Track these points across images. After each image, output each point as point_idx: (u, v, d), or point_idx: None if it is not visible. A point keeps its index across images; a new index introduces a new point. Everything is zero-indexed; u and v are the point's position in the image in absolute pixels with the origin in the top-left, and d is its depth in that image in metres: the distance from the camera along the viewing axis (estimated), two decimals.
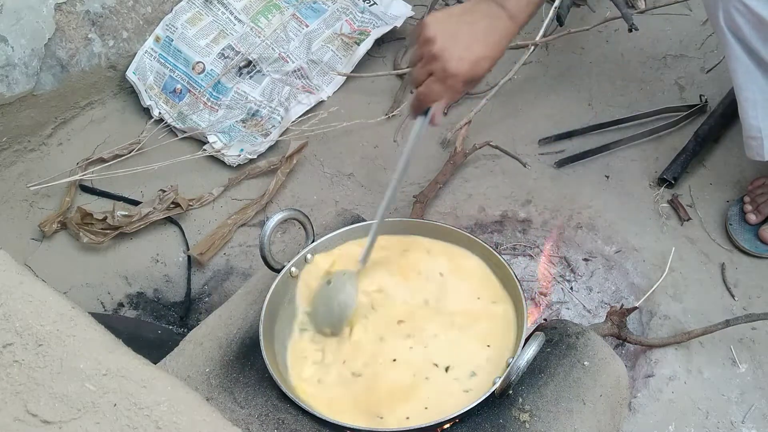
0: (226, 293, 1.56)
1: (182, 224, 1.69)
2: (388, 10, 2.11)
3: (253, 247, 1.64)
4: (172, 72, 1.93)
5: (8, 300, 0.79)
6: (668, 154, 1.69)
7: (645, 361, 1.37)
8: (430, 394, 0.96)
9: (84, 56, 1.86)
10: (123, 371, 0.74)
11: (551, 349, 1.02)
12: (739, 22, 1.22)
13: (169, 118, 1.89)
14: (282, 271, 1.08)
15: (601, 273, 1.52)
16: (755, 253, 1.50)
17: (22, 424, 0.68)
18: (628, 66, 1.93)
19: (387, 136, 1.85)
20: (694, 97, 1.80)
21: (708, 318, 1.41)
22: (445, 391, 0.96)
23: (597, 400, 0.98)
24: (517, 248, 1.58)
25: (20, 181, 1.80)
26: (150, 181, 1.76)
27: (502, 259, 1.08)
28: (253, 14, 1.98)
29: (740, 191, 1.60)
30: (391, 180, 1.06)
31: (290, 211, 1.09)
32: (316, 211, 1.67)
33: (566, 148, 1.76)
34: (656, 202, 1.63)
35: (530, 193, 1.66)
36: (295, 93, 1.92)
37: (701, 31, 1.97)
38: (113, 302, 1.58)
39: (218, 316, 1.11)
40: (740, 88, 1.32)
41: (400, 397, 0.96)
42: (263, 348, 0.98)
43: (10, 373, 0.73)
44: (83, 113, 1.93)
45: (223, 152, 1.78)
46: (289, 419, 0.95)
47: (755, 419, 1.29)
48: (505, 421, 0.94)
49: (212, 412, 0.74)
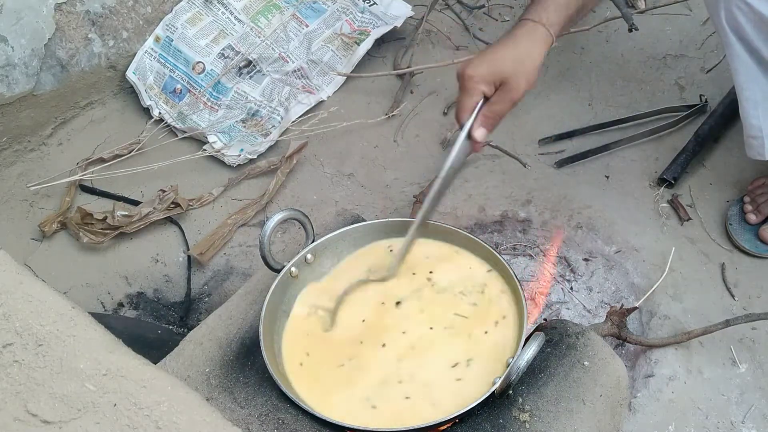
0: (226, 293, 1.56)
1: (182, 224, 1.69)
2: (388, 10, 2.11)
3: (253, 247, 1.64)
4: (172, 72, 1.93)
5: (8, 300, 0.79)
6: (668, 154, 1.69)
7: (645, 361, 1.37)
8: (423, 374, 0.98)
9: (84, 56, 1.86)
10: (123, 371, 0.74)
11: (551, 349, 1.02)
12: (740, 21, 1.22)
13: (169, 118, 1.89)
14: (282, 271, 1.08)
15: (601, 273, 1.52)
16: (755, 253, 1.50)
17: (22, 424, 0.68)
18: (628, 66, 1.93)
19: (387, 136, 1.85)
20: (694, 97, 1.80)
21: (708, 318, 1.41)
22: (438, 376, 0.97)
23: (597, 400, 0.97)
24: (517, 248, 1.58)
25: (20, 181, 1.80)
26: (150, 181, 1.76)
27: (502, 259, 1.08)
28: (253, 14, 1.98)
29: (740, 191, 1.60)
30: (430, 192, 1.05)
31: (290, 211, 1.09)
32: (316, 211, 1.67)
33: (566, 148, 1.76)
34: (656, 202, 1.63)
35: (530, 193, 1.66)
36: (295, 93, 1.92)
37: (701, 31, 1.97)
38: (113, 302, 1.58)
39: (218, 316, 1.11)
40: (741, 87, 1.32)
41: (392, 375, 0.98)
42: (263, 348, 0.98)
43: (10, 373, 0.73)
44: (83, 113, 1.94)
45: (223, 152, 1.78)
46: (289, 419, 0.95)
47: (755, 419, 1.29)
48: (505, 421, 0.94)
49: (212, 412, 0.74)
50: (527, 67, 1.02)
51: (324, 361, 1.02)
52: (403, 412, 0.94)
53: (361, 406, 0.96)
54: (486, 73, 1.02)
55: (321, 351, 1.03)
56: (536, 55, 1.03)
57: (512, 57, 1.02)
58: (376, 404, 0.96)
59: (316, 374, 1.01)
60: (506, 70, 1.01)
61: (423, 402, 0.95)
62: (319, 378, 1.00)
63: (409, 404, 0.95)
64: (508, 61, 1.02)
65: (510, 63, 1.02)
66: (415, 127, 1.87)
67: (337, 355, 1.02)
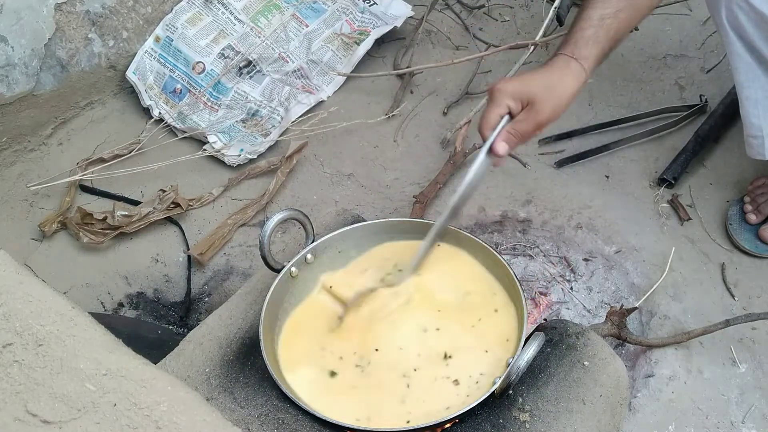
0: (226, 293, 1.56)
1: (182, 224, 1.69)
2: (388, 10, 2.11)
3: (253, 247, 1.64)
4: (172, 72, 1.93)
5: (8, 300, 0.79)
6: (668, 154, 1.69)
7: (645, 361, 1.37)
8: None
9: (84, 56, 1.86)
10: (123, 371, 0.74)
11: (551, 349, 1.02)
12: (741, 20, 1.22)
13: (169, 118, 1.89)
14: (282, 271, 1.08)
15: (601, 273, 1.52)
16: (755, 253, 1.50)
17: (22, 424, 0.68)
18: (628, 66, 1.93)
19: (387, 136, 1.85)
20: (694, 97, 1.80)
21: (708, 318, 1.41)
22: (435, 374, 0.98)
23: (597, 400, 0.98)
24: (517, 248, 1.58)
25: (20, 181, 1.80)
26: (150, 181, 1.77)
27: (502, 259, 1.08)
28: (253, 14, 1.98)
29: (740, 191, 1.60)
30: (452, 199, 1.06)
31: (290, 211, 1.09)
32: (316, 211, 1.67)
33: (566, 148, 1.76)
34: (656, 202, 1.63)
35: (530, 193, 1.66)
36: (295, 93, 1.92)
37: (701, 31, 1.97)
38: (113, 302, 1.58)
39: (218, 316, 1.11)
40: (741, 87, 1.32)
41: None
42: (263, 348, 0.98)
43: (10, 373, 0.72)
44: (83, 113, 1.94)
45: (223, 152, 1.78)
46: (289, 419, 0.95)
47: (755, 419, 1.29)
48: (505, 421, 0.94)
49: (212, 412, 0.74)
50: (556, 94, 1.04)
51: (322, 358, 1.02)
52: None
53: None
54: (514, 89, 1.04)
55: (321, 349, 1.04)
56: (567, 86, 1.05)
57: (543, 82, 1.05)
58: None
59: (316, 372, 1.01)
60: (535, 91, 1.03)
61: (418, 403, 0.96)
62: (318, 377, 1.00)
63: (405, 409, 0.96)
64: (539, 84, 1.04)
65: (540, 86, 1.04)
66: (415, 127, 1.87)
67: (335, 354, 1.02)
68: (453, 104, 1.89)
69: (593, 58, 1.07)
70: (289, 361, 1.02)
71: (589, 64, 1.07)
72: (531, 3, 2.17)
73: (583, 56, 1.07)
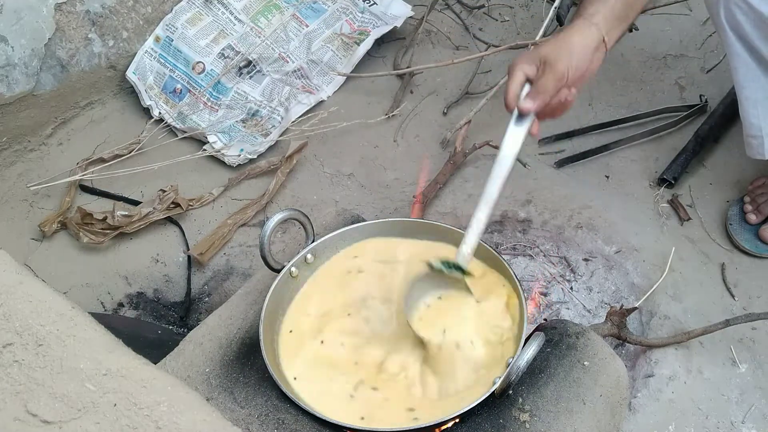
0: (226, 293, 1.56)
1: (182, 224, 1.69)
2: (388, 10, 2.11)
3: (253, 247, 1.64)
4: (172, 72, 1.93)
5: (8, 300, 0.79)
6: (668, 154, 1.69)
7: (645, 361, 1.37)
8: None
9: (84, 56, 1.86)
10: (123, 371, 0.74)
11: (551, 349, 1.02)
12: (740, 20, 1.22)
13: (169, 118, 1.89)
14: (282, 271, 1.08)
15: (601, 273, 1.52)
16: (755, 253, 1.50)
17: (22, 424, 0.68)
18: (628, 66, 1.93)
19: (387, 136, 1.85)
20: (694, 97, 1.80)
21: (708, 318, 1.41)
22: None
23: (597, 400, 0.97)
24: (517, 248, 1.58)
25: (20, 181, 1.80)
26: (150, 181, 1.76)
27: (502, 259, 1.08)
28: (253, 14, 1.98)
29: (740, 191, 1.60)
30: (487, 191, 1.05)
31: (290, 211, 1.09)
32: (316, 211, 1.67)
33: (566, 148, 1.76)
34: (656, 202, 1.63)
35: (530, 193, 1.66)
36: (295, 93, 1.92)
37: (701, 31, 1.97)
38: (113, 302, 1.58)
39: (218, 316, 1.11)
40: (741, 87, 1.32)
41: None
42: (263, 348, 0.98)
43: (10, 373, 0.72)
44: (83, 113, 1.94)
45: (223, 152, 1.78)
46: (289, 419, 0.95)
47: (755, 419, 1.29)
48: (505, 421, 0.94)
49: (212, 412, 0.74)
50: (566, 47, 1.05)
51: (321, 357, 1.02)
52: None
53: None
54: (527, 57, 1.06)
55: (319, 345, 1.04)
56: (575, 39, 1.06)
57: (552, 42, 1.06)
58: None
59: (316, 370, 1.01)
60: (545, 51, 1.05)
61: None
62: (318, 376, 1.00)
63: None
64: (548, 45, 1.06)
65: (549, 45, 1.06)
66: (415, 127, 1.87)
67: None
68: (453, 104, 1.89)
69: (601, 14, 1.07)
70: (289, 361, 1.02)
71: (598, 19, 1.07)
72: (531, 3, 2.17)
73: (589, 13, 1.07)
